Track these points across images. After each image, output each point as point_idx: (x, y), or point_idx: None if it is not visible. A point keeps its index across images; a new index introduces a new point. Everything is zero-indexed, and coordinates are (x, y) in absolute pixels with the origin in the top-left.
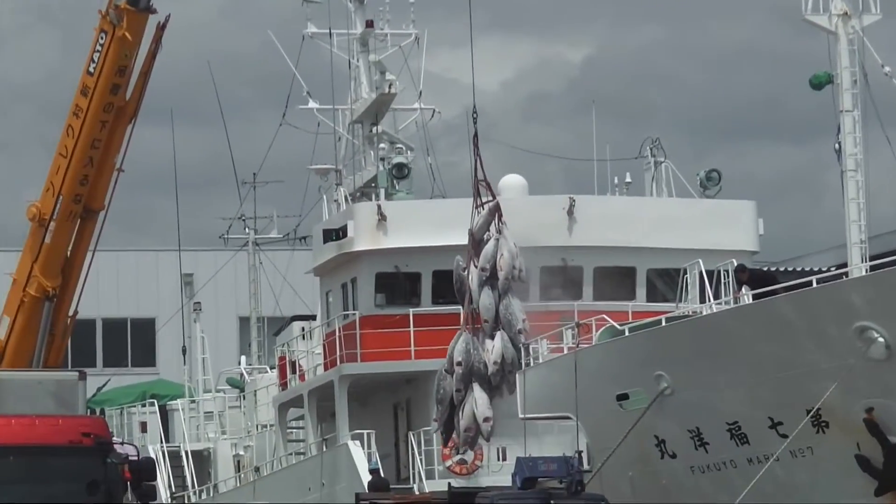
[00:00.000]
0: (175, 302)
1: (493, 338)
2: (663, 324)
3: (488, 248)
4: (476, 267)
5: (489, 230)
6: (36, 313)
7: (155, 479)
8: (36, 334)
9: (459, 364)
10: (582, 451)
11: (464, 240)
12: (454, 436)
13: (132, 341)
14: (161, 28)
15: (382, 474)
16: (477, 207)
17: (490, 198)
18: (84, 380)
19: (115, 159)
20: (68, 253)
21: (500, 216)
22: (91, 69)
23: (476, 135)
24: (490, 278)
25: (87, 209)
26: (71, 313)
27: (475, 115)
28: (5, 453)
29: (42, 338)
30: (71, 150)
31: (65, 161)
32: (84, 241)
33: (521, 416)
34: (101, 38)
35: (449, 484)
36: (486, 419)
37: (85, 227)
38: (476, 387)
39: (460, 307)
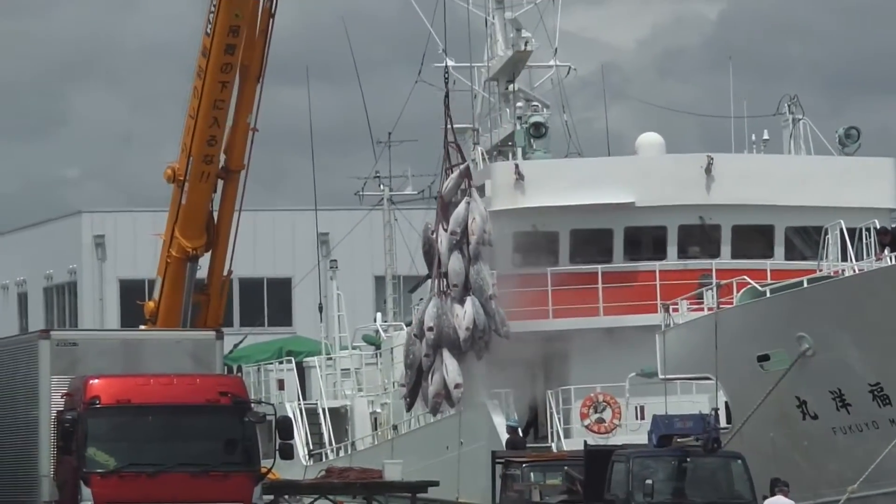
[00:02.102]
0: (310, 261)
1: (462, 303)
2: (805, 285)
3: (459, 211)
4: (445, 230)
5: (458, 193)
6: (180, 274)
7: (292, 437)
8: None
9: (431, 329)
10: (718, 409)
11: (601, 198)
12: (419, 400)
13: (268, 300)
14: None
15: (521, 433)
16: (447, 170)
17: (460, 160)
18: (221, 339)
19: (247, 119)
20: (214, 214)
21: (470, 179)
22: (207, 30)
23: (447, 96)
24: (460, 242)
25: (226, 170)
26: (225, 273)
27: (447, 76)
28: (144, 412)
29: (187, 298)
30: (196, 110)
31: (192, 122)
32: (228, 202)
33: (661, 375)
34: None
35: (585, 442)
36: (456, 385)
37: (227, 187)
38: (446, 353)
39: (598, 267)
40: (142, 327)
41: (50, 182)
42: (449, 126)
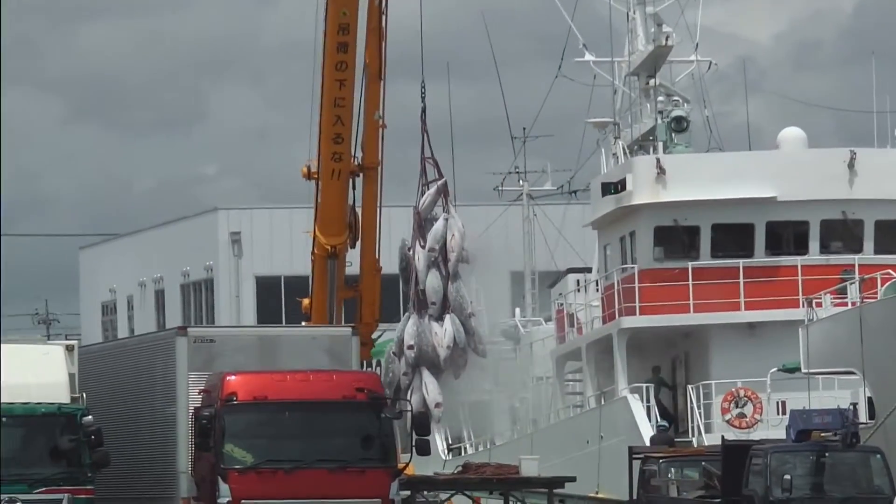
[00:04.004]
0: None
1: (441, 321)
2: None
3: (437, 227)
4: (422, 247)
5: (435, 209)
6: (324, 271)
7: (429, 433)
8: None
9: (411, 347)
10: (857, 404)
11: (743, 193)
12: None
13: (404, 295)
14: None
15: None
16: (423, 185)
17: (437, 176)
18: (357, 335)
19: (374, 116)
20: (358, 211)
21: (447, 195)
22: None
23: (424, 111)
24: (437, 259)
25: (362, 167)
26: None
27: (423, 91)
28: (280, 409)
29: (331, 295)
30: (320, 109)
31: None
32: (368, 198)
33: (804, 370)
34: None
35: (722, 437)
36: (437, 405)
37: (366, 184)
38: (425, 372)
39: (739, 261)
40: (303, 324)
41: (187, 179)
42: (426, 141)
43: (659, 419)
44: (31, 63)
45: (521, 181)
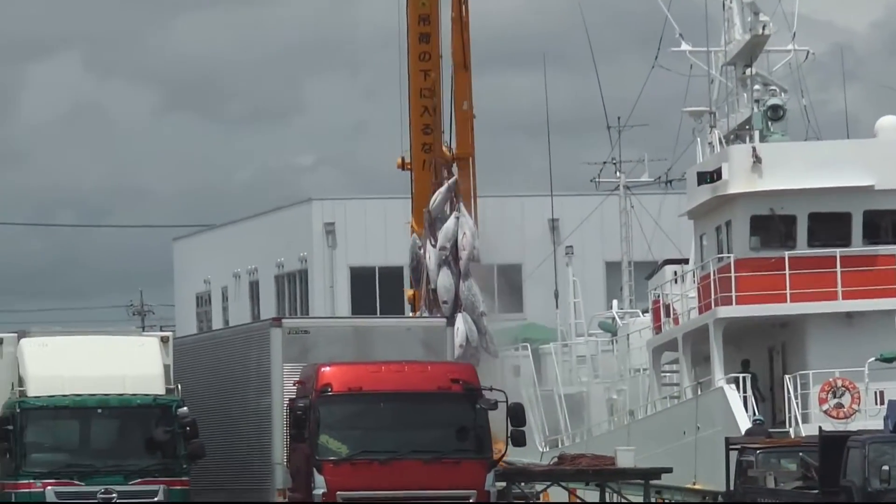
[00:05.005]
0: (539, 247)
1: (452, 319)
2: None
3: (448, 226)
4: (433, 246)
5: (446, 208)
6: (422, 261)
7: (524, 424)
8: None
9: None
10: None
11: (840, 181)
12: None
13: (499, 287)
14: None
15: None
16: (433, 185)
17: (447, 176)
18: (452, 326)
19: (462, 106)
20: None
21: (458, 194)
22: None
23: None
24: (448, 258)
25: (456, 157)
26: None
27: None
28: (376, 400)
29: (427, 286)
30: (409, 100)
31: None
32: (464, 189)
33: None
34: None
35: (819, 428)
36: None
37: (461, 175)
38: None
39: (836, 250)
40: (413, 314)
41: (282, 170)
42: None
43: (756, 411)
44: (129, 54)
45: (617, 172)
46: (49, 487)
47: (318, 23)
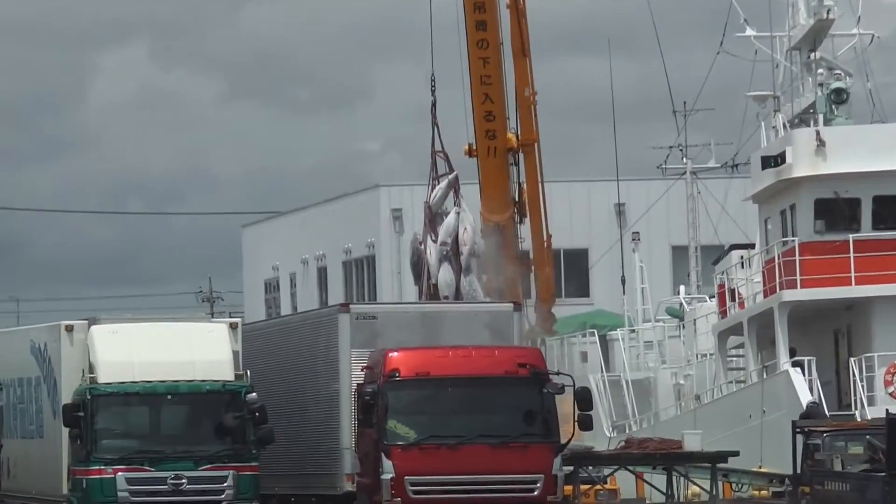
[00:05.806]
0: (605, 232)
1: None
2: None
3: (449, 221)
4: (434, 241)
5: (445, 203)
6: (492, 247)
7: (591, 408)
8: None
9: None
10: None
11: None
12: None
13: (565, 272)
14: None
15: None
16: (434, 179)
17: (448, 170)
18: (519, 311)
19: (524, 93)
20: (523, 187)
21: (458, 189)
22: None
23: (434, 104)
24: (449, 253)
25: (521, 143)
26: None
27: (433, 84)
28: (443, 385)
29: (496, 271)
30: (471, 87)
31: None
32: (530, 173)
33: None
34: None
35: (886, 410)
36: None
37: (526, 160)
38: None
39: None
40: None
41: (350, 156)
42: (436, 135)
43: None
44: (197, 41)
45: (684, 158)
46: (120, 473)
47: (384, 7)
